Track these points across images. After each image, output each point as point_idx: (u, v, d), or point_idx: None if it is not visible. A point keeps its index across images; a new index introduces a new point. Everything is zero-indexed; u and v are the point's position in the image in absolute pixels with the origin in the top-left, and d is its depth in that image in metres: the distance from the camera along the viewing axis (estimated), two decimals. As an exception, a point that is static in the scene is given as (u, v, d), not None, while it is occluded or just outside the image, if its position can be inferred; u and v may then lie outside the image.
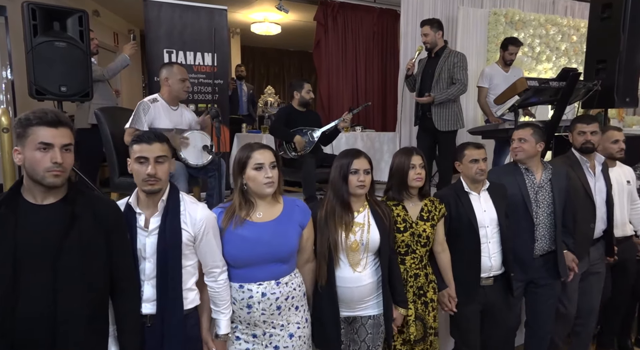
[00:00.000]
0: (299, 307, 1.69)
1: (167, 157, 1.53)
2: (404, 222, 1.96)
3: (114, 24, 6.62)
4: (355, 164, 1.78)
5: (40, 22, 2.86)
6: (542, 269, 2.24)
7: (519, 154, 2.25)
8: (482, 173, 2.07)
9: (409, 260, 1.97)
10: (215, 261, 1.59)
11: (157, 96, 2.79)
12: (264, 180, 1.60)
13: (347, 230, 1.77)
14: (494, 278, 2.12)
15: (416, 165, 1.95)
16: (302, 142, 3.37)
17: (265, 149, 1.65)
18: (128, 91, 6.68)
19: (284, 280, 1.63)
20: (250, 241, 1.60)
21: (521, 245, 2.21)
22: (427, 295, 1.98)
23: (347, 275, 1.77)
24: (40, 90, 2.90)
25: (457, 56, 3.59)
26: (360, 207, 1.84)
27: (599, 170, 2.47)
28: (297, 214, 1.71)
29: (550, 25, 5.04)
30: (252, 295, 1.59)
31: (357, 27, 5.88)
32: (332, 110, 5.74)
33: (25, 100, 3.50)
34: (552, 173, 2.27)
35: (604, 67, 3.56)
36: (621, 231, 2.60)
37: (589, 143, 2.39)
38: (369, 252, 1.80)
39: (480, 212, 2.09)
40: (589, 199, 2.39)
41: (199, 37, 4.07)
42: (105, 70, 3.68)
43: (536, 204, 2.22)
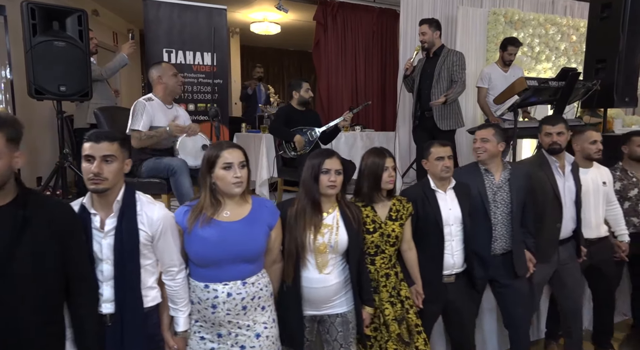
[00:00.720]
0: (266, 307, 1.69)
1: (116, 157, 1.49)
2: (373, 223, 1.96)
3: (114, 24, 6.62)
4: (326, 164, 1.76)
5: (39, 22, 2.86)
6: (502, 267, 2.26)
7: (481, 155, 2.26)
8: (447, 170, 2.08)
9: (378, 260, 1.97)
10: (173, 260, 1.59)
11: (152, 95, 2.79)
12: (232, 180, 1.59)
13: (316, 231, 1.76)
14: (456, 275, 2.15)
15: (389, 168, 1.95)
16: (301, 142, 3.37)
17: (234, 148, 1.64)
18: (127, 91, 6.68)
19: (250, 280, 1.62)
20: (217, 240, 1.58)
21: (481, 245, 2.24)
22: (401, 294, 2.00)
23: (313, 276, 1.77)
24: (39, 90, 2.89)
25: (456, 55, 3.60)
26: (330, 208, 1.83)
27: (568, 170, 2.46)
28: (266, 214, 1.70)
29: (550, 24, 5.04)
30: (218, 295, 1.58)
31: (356, 26, 5.88)
32: (332, 110, 5.74)
33: (24, 99, 3.49)
34: (510, 173, 2.28)
35: (603, 66, 3.58)
36: (595, 232, 2.59)
37: (555, 144, 2.39)
38: (336, 254, 1.80)
39: (446, 210, 2.11)
40: (556, 199, 2.38)
41: (198, 36, 4.07)
42: (104, 69, 3.67)
43: (494, 204, 2.24)
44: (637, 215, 2.79)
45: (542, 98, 3.39)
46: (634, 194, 2.78)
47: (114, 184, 1.50)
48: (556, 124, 2.41)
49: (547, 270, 2.44)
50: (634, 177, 2.80)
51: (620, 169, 2.83)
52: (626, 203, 2.79)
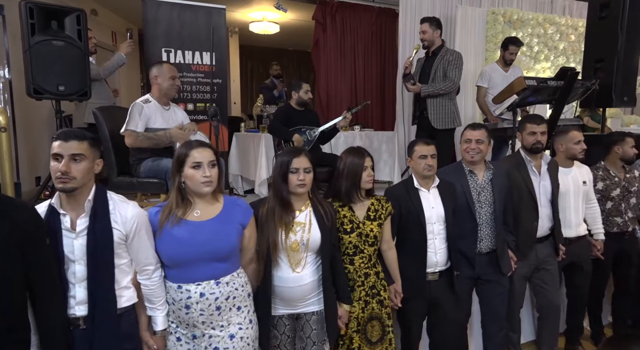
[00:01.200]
0: (242, 308, 1.67)
1: (86, 156, 1.46)
2: (351, 223, 1.95)
3: (112, 23, 6.61)
4: (294, 163, 1.75)
5: (38, 21, 2.86)
6: (487, 265, 2.28)
7: (475, 156, 2.23)
8: (429, 169, 2.08)
9: (357, 260, 1.96)
10: (149, 258, 1.57)
11: (149, 96, 2.79)
12: (201, 179, 1.58)
13: (287, 230, 1.75)
14: (440, 273, 2.15)
15: (368, 167, 1.95)
16: (300, 141, 3.38)
17: (204, 147, 1.63)
18: (126, 90, 6.66)
19: (224, 280, 1.61)
20: (187, 240, 1.57)
21: (466, 245, 2.25)
22: (380, 294, 1.99)
23: (287, 275, 1.76)
24: (38, 90, 2.90)
25: (453, 55, 3.60)
26: (302, 206, 1.82)
27: (544, 169, 2.47)
28: (238, 213, 1.68)
29: (549, 24, 5.04)
30: (190, 296, 1.57)
31: (355, 26, 5.87)
32: (331, 109, 5.72)
33: (23, 99, 3.49)
34: (493, 173, 2.28)
35: (602, 66, 3.58)
36: (575, 232, 2.61)
37: (539, 143, 2.40)
38: (309, 252, 1.79)
39: (429, 208, 2.11)
40: (531, 198, 2.40)
41: (197, 36, 4.06)
42: (101, 69, 3.67)
43: (479, 204, 2.25)
44: (619, 214, 2.80)
45: (540, 97, 3.39)
46: (616, 194, 2.78)
47: (83, 183, 1.47)
48: (541, 123, 2.42)
49: (526, 268, 2.47)
50: (617, 177, 2.80)
51: (603, 168, 2.83)
52: (609, 203, 2.80)
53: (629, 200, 2.82)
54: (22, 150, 3.95)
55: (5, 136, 2.54)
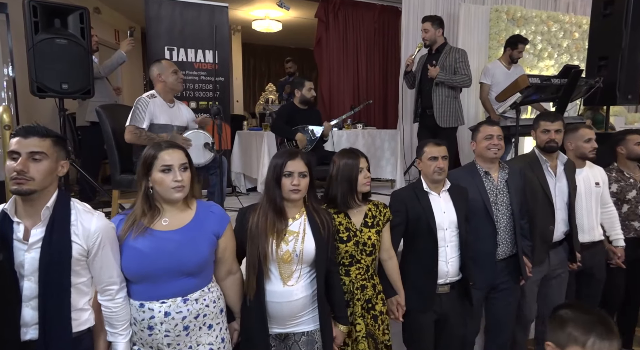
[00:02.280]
0: (213, 326, 1.51)
1: (47, 155, 1.30)
2: (347, 231, 1.80)
3: (115, 21, 6.61)
4: (289, 166, 1.60)
5: (41, 19, 2.85)
6: (504, 272, 2.15)
7: (497, 152, 2.11)
8: (440, 172, 1.94)
9: (354, 271, 1.81)
10: (112, 277, 1.39)
11: (154, 92, 2.79)
12: (172, 184, 1.41)
13: (279, 239, 1.59)
14: (451, 285, 1.98)
15: (364, 168, 1.81)
16: (303, 140, 3.38)
17: (174, 148, 1.47)
18: (129, 88, 6.68)
19: (193, 296, 1.45)
20: (151, 252, 1.40)
21: (484, 252, 2.10)
22: (375, 308, 1.84)
23: (277, 289, 1.60)
24: (41, 88, 2.90)
25: (459, 52, 3.59)
26: (297, 214, 1.66)
27: (560, 170, 2.33)
28: (211, 221, 1.52)
29: (552, 22, 5.02)
30: (154, 315, 1.40)
31: (358, 24, 5.85)
32: (333, 108, 5.72)
33: (26, 97, 3.50)
34: (508, 173, 2.15)
35: (605, 64, 3.56)
36: (588, 236, 2.45)
37: (553, 142, 2.27)
38: (302, 264, 1.62)
39: (440, 213, 1.96)
40: (547, 200, 2.26)
41: (199, 34, 4.07)
42: (102, 67, 3.67)
43: (496, 207, 2.11)
44: (637, 218, 2.63)
45: (544, 96, 3.37)
46: (632, 196, 2.62)
47: (43, 186, 1.30)
48: (555, 121, 2.29)
49: (539, 275, 2.32)
50: (632, 178, 2.63)
51: (616, 169, 2.67)
52: (625, 206, 2.63)
53: None
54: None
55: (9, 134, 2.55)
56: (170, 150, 1.45)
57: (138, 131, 2.63)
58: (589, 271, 2.50)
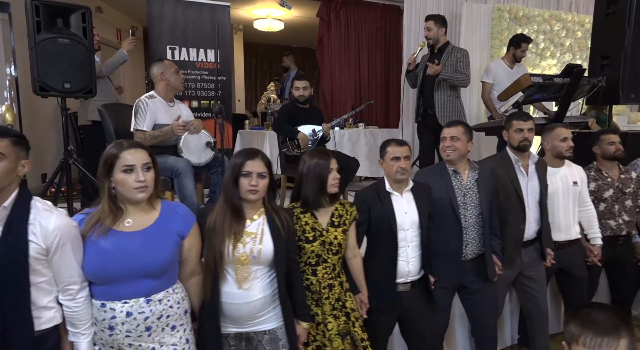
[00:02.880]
0: (177, 327, 1.50)
1: (5, 156, 1.29)
2: (313, 231, 1.80)
3: (117, 21, 6.62)
4: (247, 166, 1.58)
5: (43, 19, 2.84)
6: (473, 272, 2.14)
7: (451, 154, 2.10)
8: (403, 172, 1.93)
9: (320, 270, 1.80)
10: (73, 277, 1.37)
11: (154, 93, 2.79)
12: (134, 185, 1.39)
13: (236, 240, 1.57)
14: (412, 283, 1.99)
15: (333, 170, 1.81)
16: (305, 139, 3.37)
17: (137, 148, 1.44)
18: (131, 87, 6.69)
19: (156, 297, 1.44)
20: (113, 253, 1.38)
21: (451, 251, 2.10)
22: (346, 306, 1.84)
23: (233, 290, 1.58)
24: (43, 87, 2.89)
25: (460, 52, 3.59)
26: (255, 215, 1.65)
27: (532, 169, 2.34)
28: (176, 222, 1.51)
29: (555, 21, 5.00)
30: (115, 315, 1.38)
31: (360, 23, 5.85)
32: (335, 107, 5.71)
33: (29, 96, 3.51)
34: (478, 173, 2.15)
35: (608, 63, 3.53)
36: (565, 235, 2.46)
37: (526, 141, 2.28)
38: (260, 265, 1.61)
39: (401, 214, 1.96)
40: (519, 199, 2.28)
41: (201, 33, 4.07)
42: (103, 66, 3.67)
43: (464, 206, 2.10)
44: (613, 217, 2.66)
45: (546, 95, 3.37)
46: (609, 195, 2.64)
47: (1, 186, 1.30)
48: (527, 120, 2.31)
49: (510, 273, 2.33)
50: (609, 177, 2.67)
51: (595, 168, 2.71)
52: (601, 204, 2.66)
53: (623, 202, 2.67)
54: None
55: (11, 133, 2.56)
56: (133, 150, 1.42)
57: (142, 135, 2.64)
58: (568, 270, 2.52)
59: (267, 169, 1.63)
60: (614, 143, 2.64)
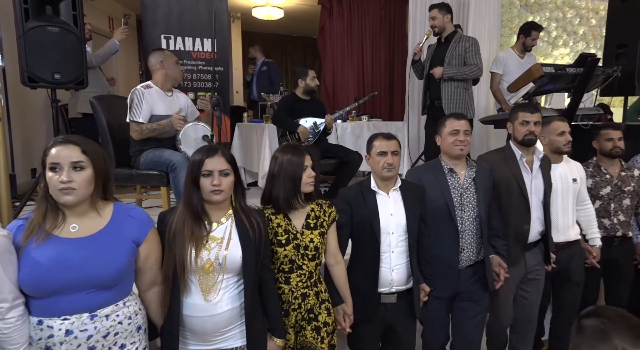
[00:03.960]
0: (127, 346, 1.34)
1: None
2: (286, 234, 1.66)
3: (109, 8, 6.45)
4: (207, 164, 1.44)
5: (31, 6, 2.76)
6: (470, 281, 1.98)
7: (464, 149, 1.95)
8: (389, 168, 1.78)
9: (294, 278, 1.66)
10: (2, 293, 1.21)
11: (150, 82, 2.76)
12: (58, 186, 1.24)
13: (199, 246, 1.44)
14: (398, 294, 1.84)
15: (308, 167, 1.67)
16: (306, 133, 3.30)
17: (67, 144, 1.27)
18: (124, 78, 6.56)
19: (102, 312, 1.29)
20: (53, 263, 1.24)
21: (445, 257, 1.94)
22: (319, 319, 1.69)
23: (197, 302, 1.45)
24: (32, 78, 2.83)
25: (469, 41, 3.47)
26: (222, 217, 1.52)
27: (537, 166, 2.17)
28: (130, 227, 1.37)
29: (568, 8, 4.87)
30: (53, 334, 1.23)
31: (363, 11, 5.73)
32: (337, 99, 5.64)
33: (17, 88, 3.39)
34: (476, 171, 1.99)
35: (624, 52, 3.45)
36: (563, 236, 2.31)
37: (532, 134, 2.12)
38: (226, 274, 1.47)
39: (386, 216, 1.81)
40: (523, 198, 2.12)
41: (197, 22, 3.99)
42: (93, 56, 3.61)
43: (460, 208, 1.94)
44: (608, 216, 2.52)
45: (558, 85, 3.29)
46: (606, 193, 2.51)
47: None
48: (535, 112, 2.14)
49: (516, 274, 2.16)
50: (607, 174, 2.53)
51: (594, 164, 2.58)
52: (597, 202, 2.52)
53: (621, 201, 2.52)
54: (17, 141, 3.85)
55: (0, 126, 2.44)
56: (61, 146, 1.26)
57: (139, 127, 2.61)
58: (564, 273, 2.37)
59: (230, 165, 1.49)
60: (612, 140, 2.50)
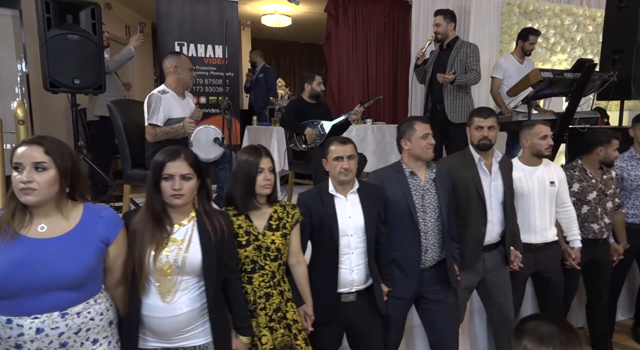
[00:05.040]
0: (99, 340, 1.35)
1: None
2: (247, 235, 1.66)
3: (126, 17, 6.65)
4: (168, 168, 1.44)
5: (53, 15, 2.89)
6: (433, 280, 1.99)
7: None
8: (346, 173, 1.79)
9: (257, 278, 1.67)
10: None
11: (165, 87, 2.79)
12: (18, 186, 1.23)
13: (158, 248, 1.44)
14: (357, 293, 1.85)
15: (265, 169, 1.66)
16: (312, 135, 3.37)
17: (31, 144, 1.25)
18: (140, 83, 6.72)
19: (74, 310, 1.29)
20: (21, 263, 1.22)
21: (410, 258, 1.95)
22: (287, 317, 1.70)
23: (156, 303, 1.44)
24: (54, 83, 2.94)
25: (470, 47, 3.56)
26: (184, 220, 1.51)
27: (495, 168, 2.18)
28: (100, 227, 1.36)
29: (566, 15, 4.93)
30: (23, 332, 1.22)
31: (368, 18, 5.82)
32: (343, 103, 5.70)
33: (39, 93, 3.54)
34: (435, 172, 2.00)
35: (620, 57, 3.50)
36: (541, 237, 2.35)
37: (485, 139, 2.13)
38: (186, 275, 1.47)
39: (345, 218, 1.82)
40: (480, 200, 2.13)
41: (209, 29, 4.09)
42: (110, 62, 3.70)
43: (423, 209, 1.95)
44: (596, 220, 2.52)
45: (556, 90, 3.33)
46: (592, 198, 2.52)
47: None
48: (488, 117, 2.15)
49: (472, 279, 2.19)
50: (594, 179, 2.53)
51: (580, 168, 2.56)
52: (584, 207, 2.53)
53: (605, 204, 2.54)
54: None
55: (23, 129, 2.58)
56: (25, 147, 1.25)
57: (153, 130, 2.66)
58: (543, 274, 2.42)
59: (192, 169, 1.48)
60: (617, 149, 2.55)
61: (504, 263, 2.24)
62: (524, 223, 2.34)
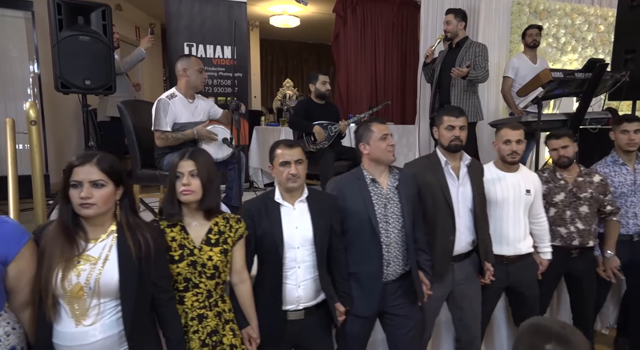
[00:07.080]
0: None
1: None
2: (181, 249, 1.50)
3: (136, 18, 6.71)
4: (76, 174, 1.28)
5: (65, 17, 2.92)
6: (397, 294, 1.85)
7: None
8: (294, 179, 1.65)
9: (189, 297, 1.51)
10: None
11: (175, 91, 2.79)
12: None
13: (67, 268, 1.26)
14: (305, 310, 1.70)
15: (185, 174, 1.49)
16: (321, 133, 3.37)
17: None
18: (149, 84, 6.78)
19: None
20: None
21: (370, 272, 1.80)
22: (224, 341, 1.54)
23: (68, 329, 1.28)
24: (65, 84, 2.97)
25: (479, 46, 3.54)
26: (102, 233, 1.34)
27: (463, 172, 2.03)
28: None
29: (576, 14, 4.88)
30: None
31: (376, 19, 5.81)
32: (351, 103, 5.70)
33: (51, 93, 3.59)
34: (398, 179, 1.86)
35: (632, 57, 3.46)
36: (513, 249, 2.18)
37: (457, 140, 1.97)
38: (102, 298, 1.30)
39: (291, 229, 1.67)
40: (448, 207, 1.97)
41: (218, 30, 4.11)
42: (121, 63, 3.75)
43: (385, 220, 1.81)
44: (564, 224, 2.35)
45: (567, 90, 3.30)
46: (560, 199, 2.35)
47: None
48: (459, 116, 2.00)
49: (442, 290, 2.03)
50: (562, 180, 2.38)
51: (550, 169, 2.44)
52: (552, 209, 2.37)
53: (577, 208, 2.34)
54: (51, 143, 4.08)
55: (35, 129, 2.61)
56: None
57: (164, 135, 2.67)
58: (516, 288, 2.25)
59: (105, 175, 1.30)
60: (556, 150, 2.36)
61: (476, 274, 2.09)
62: (496, 233, 2.18)
